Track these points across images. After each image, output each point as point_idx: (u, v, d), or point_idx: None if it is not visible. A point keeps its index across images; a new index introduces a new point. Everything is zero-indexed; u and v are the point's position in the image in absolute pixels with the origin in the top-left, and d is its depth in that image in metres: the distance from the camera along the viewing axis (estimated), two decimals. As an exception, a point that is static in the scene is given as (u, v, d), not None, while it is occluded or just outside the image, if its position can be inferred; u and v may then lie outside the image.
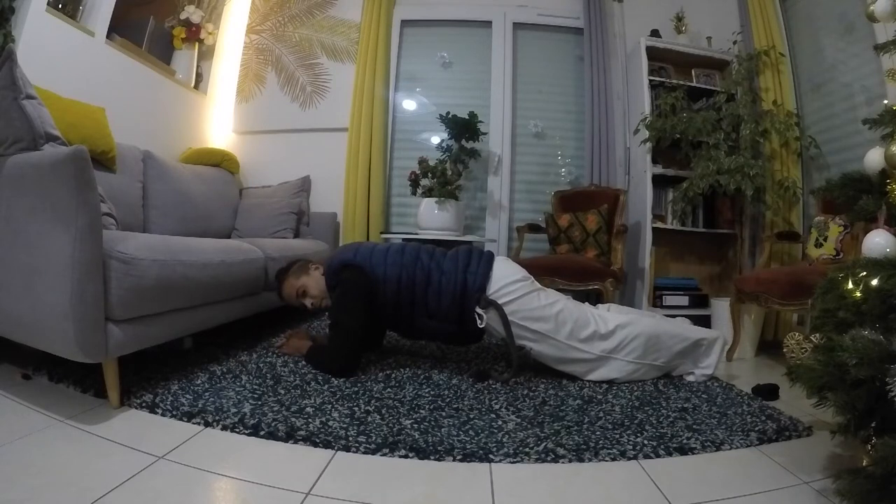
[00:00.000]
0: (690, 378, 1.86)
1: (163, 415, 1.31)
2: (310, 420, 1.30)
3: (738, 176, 2.80)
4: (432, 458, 1.17)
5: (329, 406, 1.41)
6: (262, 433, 1.23)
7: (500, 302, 1.72)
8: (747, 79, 3.14)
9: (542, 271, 2.58)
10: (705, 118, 3.00)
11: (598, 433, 1.32)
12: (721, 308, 2.74)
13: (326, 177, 3.40)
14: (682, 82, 3.25)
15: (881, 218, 1.23)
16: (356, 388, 1.57)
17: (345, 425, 1.28)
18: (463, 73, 3.63)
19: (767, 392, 1.72)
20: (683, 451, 1.26)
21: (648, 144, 3.08)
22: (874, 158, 1.27)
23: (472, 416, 1.41)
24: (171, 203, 2.54)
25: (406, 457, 1.17)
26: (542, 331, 1.73)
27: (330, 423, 1.29)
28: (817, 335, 1.31)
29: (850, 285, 1.12)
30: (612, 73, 3.46)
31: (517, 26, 3.63)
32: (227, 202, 3.01)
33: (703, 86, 3.30)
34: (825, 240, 2.40)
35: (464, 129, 3.10)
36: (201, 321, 1.69)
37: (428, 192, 3.04)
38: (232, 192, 3.11)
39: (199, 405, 1.35)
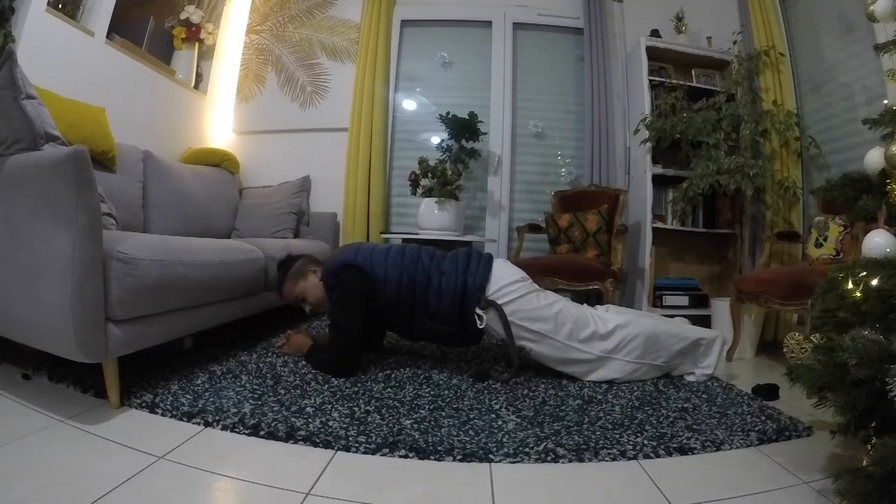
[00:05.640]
0: (691, 378, 1.86)
1: (163, 415, 1.31)
2: (310, 420, 1.30)
3: (738, 176, 2.80)
4: (432, 458, 1.17)
5: (329, 406, 1.41)
6: (262, 433, 1.23)
7: (499, 302, 1.72)
8: (747, 79, 3.14)
9: (543, 271, 2.58)
10: (705, 118, 3.00)
11: (598, 433, 1.32)
12: (721, 308, 2.74)
13: (326, 177, 3.41)
14: (682, 82, 3.24)
15: (881, 218, 1.23)
16: (356, 388, 1.57)
17: (345, 425, 1.28)
18: (463, 73, 3.63)
19: (767, 392, 1.72)
20: (683, 451, 1.26)
21: (648, 144, 3.08)
22: (874, 158, 1.27)
23: (472, 416, 1.41)
24: (171, 203, 2.54)
25: (406, 457, 1.17)
26: (541, 331, 1.73)
27: (330, 423, 1.29)
28: (817, 335, 1.31)
29: (850, 285, 1.12)
30: (612, 73, 3.46)
31: (517, 26, 3.63)
32: (227, 202, 3.01)
33: (703, 86, 3.30)
34: (825, 240, 2.40)
35: (464, 129, 3.10)
36: (201, 321, 1.69)
37: (428, 192, 3.04)
38: (232, 192, 3.11)
39: (199, 405, 1.35)
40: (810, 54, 3.11)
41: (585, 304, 1.93)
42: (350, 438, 1.21)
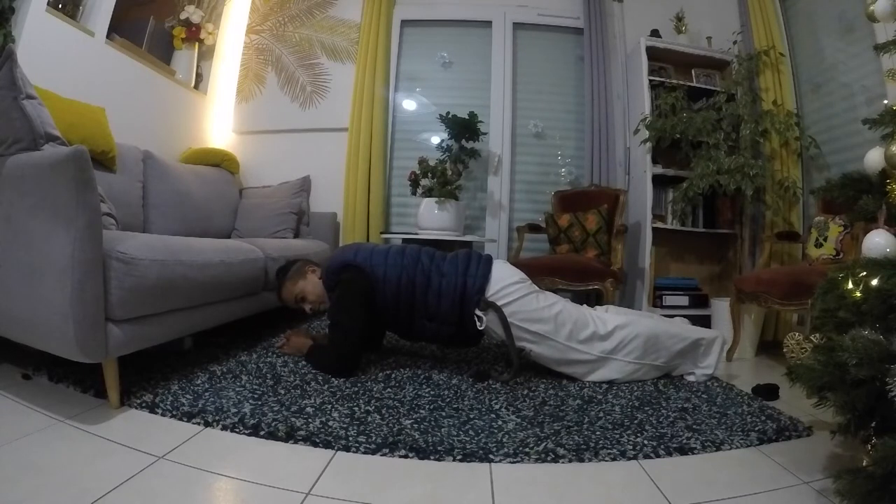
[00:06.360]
0: (691, 378, 1.86)
1: (163, 415, 1.31)
2: (310, 420, 1.30)
3: (738, 176, 2.80)
4: (432, 458, 1.17)
5: (329, 406, 1.41)
6: (262, 433, 1.23)
7: (499, 303, 1.72)
8: (747, 79, 3.14)
9: (542, 271, 2.58)
10: (705, 118, 3.00)
11: (598, 433, 1.32)
12: (721, 308, 2.74)
13: (326, 177, 3.41)
14: (682, 82, 3.24)
15: (881, 218, 1.23)
16: (356, 388, 1.57)
17: (345, 425, 1.28)
18: (463, 73, 3.63)
19: (767, 392, 1.72)
20: (683, 451, 1.26)
21: (648, 144, 3.08)
22: (874, 158, 1.27)
23: (472, 416, 1.41)
24: (171, 203, 2.54)
25: (406, 457, 1.17)
26: (541, 332, 1.73)
27: (330, 423, 1.29)
28: (817, 335, 1.31)
29: (850, 285, 1.12)
30: (612, 73, 3.46)
31: (517, 26, 3.63)
32: (227, 202, 3.01)
33: (703, 86, 3.30)
34: (825, 240, 2.40)
35: (464, 129, 3.10)
36: (201, 321, 1.69)
37: (428, 192, 3.04)
38: (232, 192, 3.11)
39: (199, 405, 1.35)
40: (810, 54, 3.11)
41: (585, 305, 1.93)
42: (350, 438, 1.21)
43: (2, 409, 1.27)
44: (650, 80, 3.18)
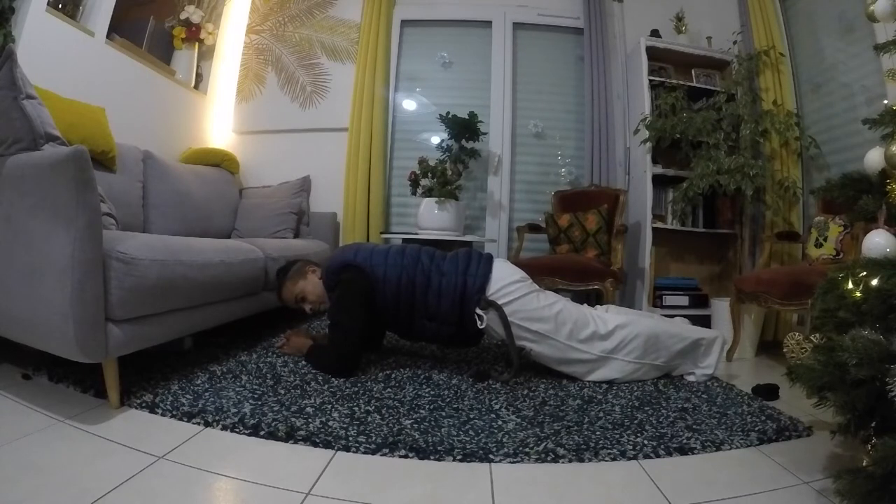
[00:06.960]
0: (691, 378, 1.86)
1: (163, 415, 1.31)
2: (310, 420, 1.30)
3: (738, 176, 2.80)
4: (432, 458, 1.17)
5: (329, 406, 1.41)
6: (262, 433, 1.23)
7: (499, 302, 1.72)
8: (747, 79, 3.14)
9: (542, 271, 2.58)
10: (705, 118, 3.00)
11: (598, 433, 1.32)
12: (721, 308, 2.74)
13: (326, 177, 3.41)
14: (682, 82, 3.24)
15: (881, 218, 1.23)
16: (356, 388, 1.57)
17: (345, 425, 1.28)
18: (463, 73, 3.63)
19: (767, 392, 1.72)
20: (683, 451, 1.26)
21: (648, 144, 3.08)
22: (874, 158, 1.27)
23: (472, 416, 1.41)
24: (171, 203, 2.54)
25: (406, 457, 1.17)
26: (541, 331, 1.73)
27: (330, 423, 1.29)
28: (817, 335, 1.31)
29: (850, 285, 1.12)
30: (612, 73, 3.46)
31: (517, 26, 3.63)
32: (227, 202, 3.01)
33: (703, 86, 3.30)
34: (825, 240, 2.40)
35: (464, 129, 3.10)
36: (201, 321, 1.69)
37: (428, 192, 3.04)
38: (232, 192, 3.11)
39: (199, 405, 1.35)
40: (810, 54, 3.11)
41: (585, 305, 1.93)
42: (350, 438, 1.21)
43: (2, 409, 1.27)
44: (650, 80, 3.18)
